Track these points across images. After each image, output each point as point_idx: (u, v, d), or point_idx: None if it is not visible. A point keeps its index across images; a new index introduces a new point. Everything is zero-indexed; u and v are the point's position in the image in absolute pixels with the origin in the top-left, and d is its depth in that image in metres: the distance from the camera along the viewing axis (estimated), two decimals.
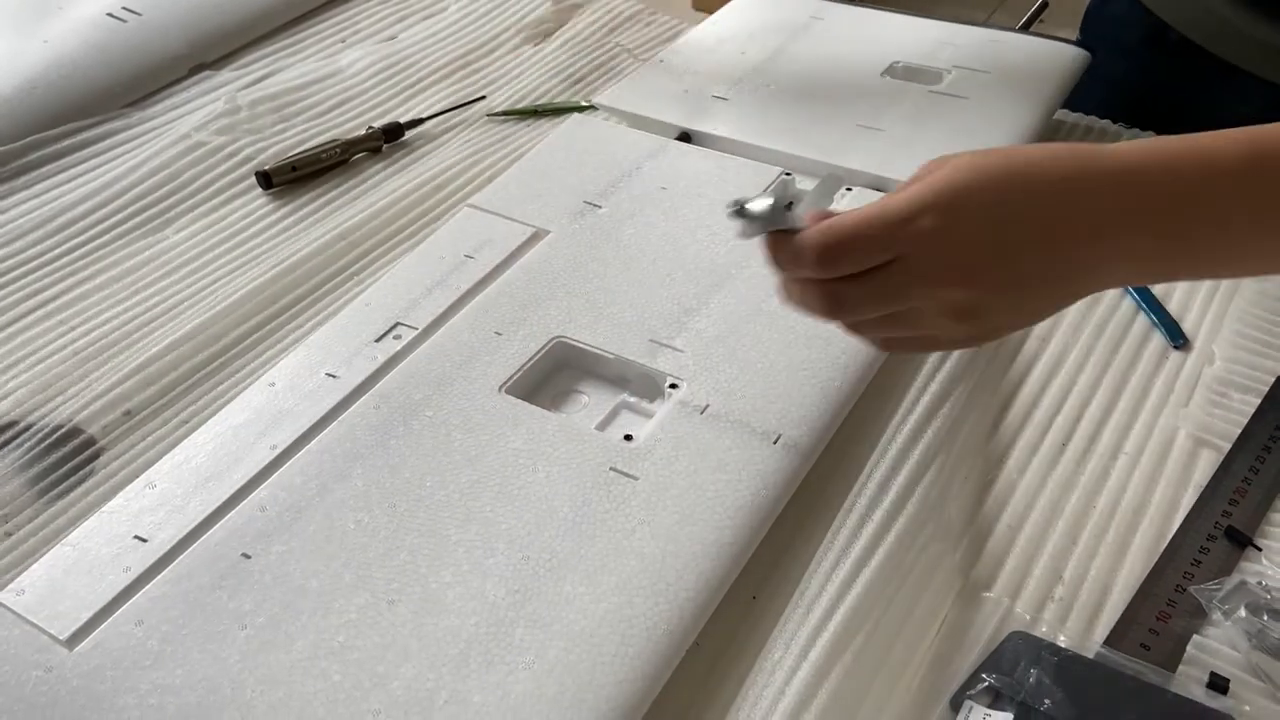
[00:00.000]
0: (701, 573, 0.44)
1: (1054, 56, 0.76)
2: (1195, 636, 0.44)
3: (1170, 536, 0.48)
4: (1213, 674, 0.43)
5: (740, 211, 0.42)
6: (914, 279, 0.41)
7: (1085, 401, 0.55)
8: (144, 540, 0.46)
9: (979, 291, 0.41)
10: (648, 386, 0.54)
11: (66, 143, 0.76)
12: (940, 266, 0.41)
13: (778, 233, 0.43)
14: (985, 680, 0.42)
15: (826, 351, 0.54)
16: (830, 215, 0.43)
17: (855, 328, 0.45)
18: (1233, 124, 0.63)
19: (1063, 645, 0.44)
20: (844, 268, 0.41)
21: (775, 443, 0.50)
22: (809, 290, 0.43)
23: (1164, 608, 0.45)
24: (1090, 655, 0.43)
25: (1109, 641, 0.44)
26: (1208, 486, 0.50)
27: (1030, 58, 0.76)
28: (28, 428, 0.55)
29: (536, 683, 0.41)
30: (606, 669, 0.41)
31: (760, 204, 0.42)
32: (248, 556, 0.45)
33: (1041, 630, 0.44)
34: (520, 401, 0.52)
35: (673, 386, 0.53)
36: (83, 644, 0.42)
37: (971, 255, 0.41)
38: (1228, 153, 0.40)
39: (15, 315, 0.63)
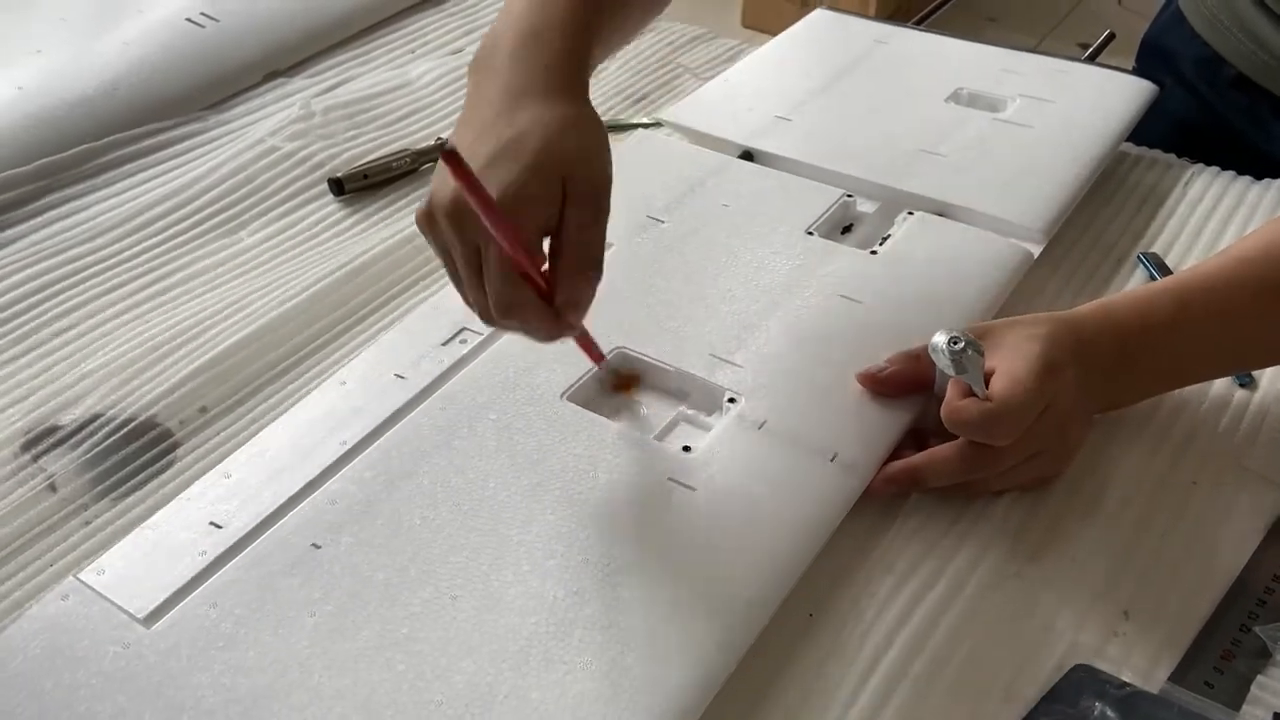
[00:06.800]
0: (757, 585, 0.45)
1: (1121, 89, 0.76)
2: (1259, 677, 0.44)
3: (1235, 576, 0.48)
4: (1276, 715, 0.43)
5: (961, 348, 0.47)
6: (1050, 425, 0.49)
7: (1150, 438, 0.55)
8: (219, 527, 0.47)
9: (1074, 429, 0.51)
10: (706, 400, 0.55)
11: (146, 143, 0.78)
12: (1071, 411, 0.50)
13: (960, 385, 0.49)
14: (1049, 712, 0.42)
15: None
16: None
17: (938, 477, 0.50)
18: None
19: (1127, 680, 0.44)
20: (1017, 433, 0.48)
21: (832, 460, 0.50)
22: (962, 456, 0.49)
23: (1228, 647, 0.45)
24: (1154, 691, 0.43)
25: (1173, 678, 0.44)
26: (1272, 528, 0.50)
27: (1096, 89, 0.76)
28: (108, 421, 0.57)
29: (594, 683, 0.41)
30: (662, 674, 0.42)
31: (973, 352, 0.47)
32: (318, 546, 0.46)
33: (1106, 664, 0.44)
34: (581, 409, 0.53)
35: (731, 401, 0.54)
36: (159, 623, 0.44)
37: (1074, 399, 0.50)
38: (1161, 309, 0.52)
39: (95, 310, 0.65)
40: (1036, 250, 0.64)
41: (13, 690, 0.42)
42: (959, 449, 0.49)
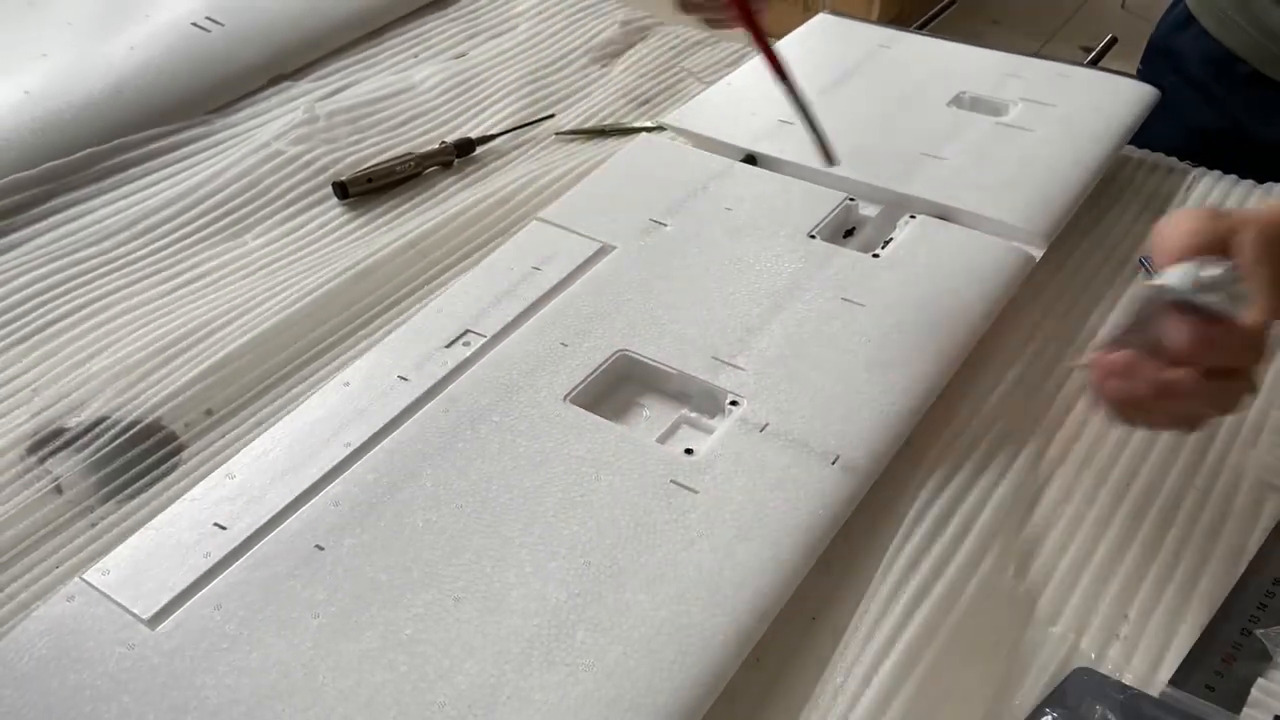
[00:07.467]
0: (758, 588, 0.45)
1: (1123, 92, 0.76)
2: (1260, 680, 0.44)
3: (1236, 579, 0.48)
4: (1276, 718, 0.43)
5: (1236, 276, 0.42)
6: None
7: (1151, 440, 0.55)
8: (223, 528, 0.48)
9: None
10: (708, 402, 0.55)
11: (151, 147, 0.79)
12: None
13: (1190, 312, 0.42)
14: (1049, 715, 0.42)
15: (885, 375, 0.55)
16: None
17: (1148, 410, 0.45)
18: None
19: (1128, 683, 0.44)
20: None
21: (834, 463, 0.50)
22: (1204, 388, 0.43)
23: (1229, 650, 0.45)
24: (1155, 694, 0.43)
25: (1174, 681, 0.44)
26: (1274, 531, 0.50)
27: (1099, 93, 0.76)
28: (114, 423, 0.57)
29: (596, 685, 0.42)
30: (664, 676, 0.42)
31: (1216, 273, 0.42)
32: (321, 548, 0.47)
33: (1107, 667, 0.44)
34: (583, 411, 0.53)
35: (733, 403, 0.54)
36: (164, 624, 0.44)
37: None
38: None
39: (100, 311, 0.65)
40: (1038, 254, 0.64)
41: (19, 691, 0.42)
42: (1197, 380, 0.43)
